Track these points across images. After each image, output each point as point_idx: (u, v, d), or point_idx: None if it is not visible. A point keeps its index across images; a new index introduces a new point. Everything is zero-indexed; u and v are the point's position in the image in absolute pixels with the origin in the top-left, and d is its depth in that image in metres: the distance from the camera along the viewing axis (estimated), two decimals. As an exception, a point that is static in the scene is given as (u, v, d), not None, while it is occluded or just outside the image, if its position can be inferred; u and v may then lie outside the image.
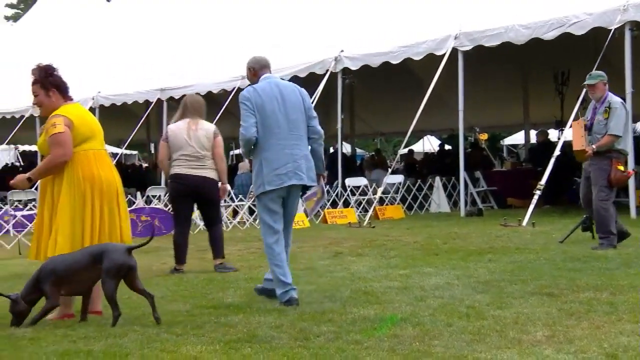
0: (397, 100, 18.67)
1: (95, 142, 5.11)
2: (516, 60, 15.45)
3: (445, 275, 6.31)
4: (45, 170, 5.02)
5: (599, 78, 7.82)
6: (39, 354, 3.95)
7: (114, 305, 4.63)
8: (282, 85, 5.48)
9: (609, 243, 7.59)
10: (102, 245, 4.83)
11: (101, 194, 4.99)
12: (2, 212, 11.45)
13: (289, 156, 5.27)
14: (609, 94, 7.81)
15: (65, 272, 4.66)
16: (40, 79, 5.12)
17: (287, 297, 5.21)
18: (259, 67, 5.56)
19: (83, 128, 5.03)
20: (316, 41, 15.02)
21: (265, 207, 5.33)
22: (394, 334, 4.21)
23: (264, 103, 5.29)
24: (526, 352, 3.77)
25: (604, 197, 7.63)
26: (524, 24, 12.00)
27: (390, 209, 13.61)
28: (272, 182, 5.24)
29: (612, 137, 7.61)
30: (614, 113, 7.61)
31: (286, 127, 5.30)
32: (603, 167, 7.62)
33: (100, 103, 17.49)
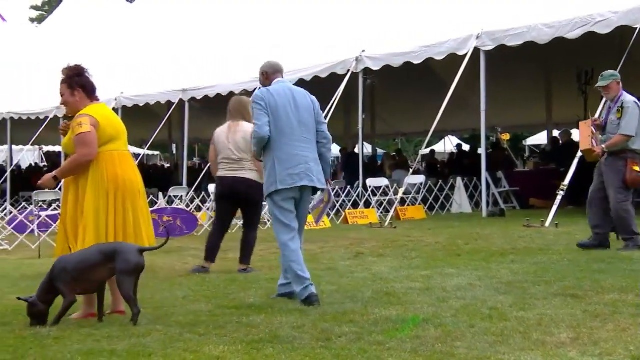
0: (418, 100, 18.61)
1: (120, 143, 5.15)
2: (539, 59, 15.32)
3: (468, 276, 6.27)
4: (70, 169, 5.05)
5: (611, 78, 7.70)
6: (63, 352, 3.99)
7: (133, 303, 4.67)
8: (294, 90, 5.61)
9: (635, 244, 7.48)
10: (114, 245, 4.86)
11: (124, 194, 5.02)
12: (27, 212, 11.58)
13: (301, 157, 5.37)
14: (623, 93, 7.70)
15: (75, 270, 4.70)
16: (67, 78, 5.17)
17: (307, 293, 5.24)
18: (272, 71, 5.66)
19: (109, 128, 5.07)
20: (337, 41, 15.02)
21: (278, 205, 5.39)
22: (416, 335, 4.19)
23: (278, 104, 5.40)
24: (550, 354, 3.73)
25: (622, 199, 7.51)
26: (547, 23, 11.89)
27: (411, 210, 13.56)
28: (285, 181, 5.32)
29: (623, 137, 7.49)
30: (626, 112, 7.50)
31: (298, 129, 5.41)
32: (618, 168, 7.51)
33: (123, 104, 17.63)
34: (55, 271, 4.74)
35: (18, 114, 19.78)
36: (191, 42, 18.29)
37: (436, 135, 24.92)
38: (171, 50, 18.35)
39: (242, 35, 17.33)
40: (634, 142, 7.55)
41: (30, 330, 4.57)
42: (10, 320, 4.91)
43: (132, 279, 4.72)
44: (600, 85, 7.76)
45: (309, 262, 7.52)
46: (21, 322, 4.83)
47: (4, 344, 4.25)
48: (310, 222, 6.99)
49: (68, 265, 4.72)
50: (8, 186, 20.10)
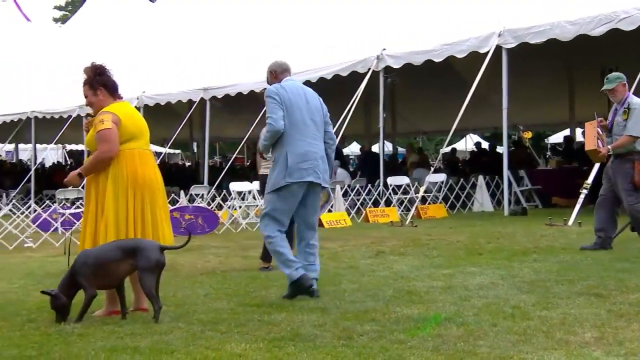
0: (439, 98, 18.53)
1: (141, 141, 5.18)
2: (562, 57, 15.18)
3: (490, 275, 6.24)
4: (93, 165, 5.08)
5: (617, 81, 7.61)
6: (87, 349, 4.03)
7: (155, 300, 4.72)
8: (305, 89, 5.73)
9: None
10: (135, 241, 4.89)
11: (143, 192, 5.05)
12: (51, 210, 11.70)
13: (311, 154, 5.48)
14: (629, 95, 7.63)
15: (96, 265, 4.75)
16: (88, 79, 5.22)
17: (298, 274, 5.37)
18: (280, 70, 5.74)
19: (130, 126, 5.10)
20: (358, 40, 14.99)
21: (283, 201, 5.46)
22: (438, 334, 4.18)
23: (292, 100, 5.49)
24: (574, 353, 3.70)
25: (633, 202, 7.41)
26: (570, 20, 11.77)
27: (432, 208, 13.51)
28: (294, 175, 5.39)
29: (629, 138, 7.40)
30: (632, 113, 7.41)
31: (310, 126, 5.53)
32: (626, 171, 7.42)
33: (144, 103, 17.75)
34: (76, 265, 4.79)
35: (42, 113, 20.00)
36: (212, 41, 18.37)
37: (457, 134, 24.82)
38: (192, 49, 18.44)
39: (263, 34, 17.37)
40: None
41: (55, 327, 4.62)
42: (36, 317, 4.97)
43: (153, 276, 4.75)
44: (606, 88, 7.67)
45: (330, 261, 7.58)
46: (46, 319, 4.89)
47: (29, 340, 4.30)
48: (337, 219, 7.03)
49: (89, 260, 4.77)
50: (32, 185, 20.33)
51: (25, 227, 11.22)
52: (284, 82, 5.65)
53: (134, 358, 3.82)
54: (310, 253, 5.64)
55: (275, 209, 5.49)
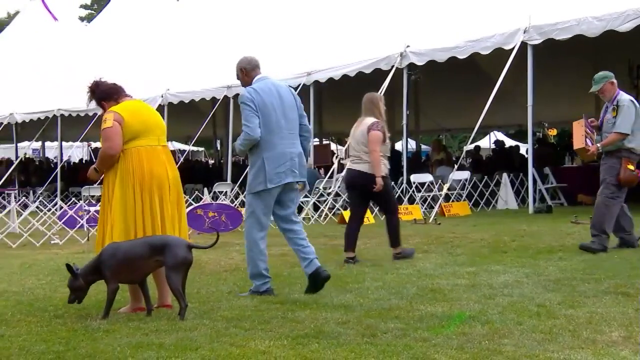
0: (463, 95, 18.41)
1: (149, 138, 5.16)
2: (588, 53, 14.99)
3: (515, 273, 6.20)
4: (100, 162, 5.18)
5: (603, 80, 7.55)
6: (113, 345, 4.07)
7: (181, 297, 4.74)
8: (279, 86, 5.73)
9: (600, 243, 7.28)
10: (163, 238, 4.92)
11: (152, 189, 5.07)
12: (77, 208, 11.83)
13: (287, 155, 5.56)
14: (619, 92, 7.54)
15: (123, 259, 4.78)
16: (91, 97, 5.40)
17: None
18: (250, 67, 5.73)
19: (135, 124, 5.11)
20: (382, 37, 14.94)
21: (262, 203, 5.58)
22: (463, 332, 4.16)
23: (266, 103, 5.52)
24: (601, 352, 3.66)
25: (608, 194, 7.33)
26: (597, 15, 11.62)
27: (456, 206, 13.43)
28: (273, 180, 5.51)
29: (617, 135, 7.32)
30: (621, 110, 7.34)
31: (285, 126, 5.57)
32: (613, 165, 7.35)
33: (169, 100, 17.87)
34: (103, 256, 4.83)
35: (68, 111, 20.20)
36: (236, 39, 18.42)
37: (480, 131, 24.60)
38: (217, 47, 18.50)
39: (286, 31, 17.39)
40: (629, 140, 7.36)
41: (82, 323, 4.67)
42: (63, 313, 5.03)
43: (180, 274, 4.78)
44: (592, 90, 7.64)
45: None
46: (73, 315, 4.94)
47: (57, 335, 4.35)
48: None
49: (117, 252, 4.80)
50: (58, 182, 20.57)
51: (51, 224, 11.36)
52: (256, 82, 5.66)
53: (159, 354, 3.85)
54: (299, 238, 5.70)
55: (256, 210, 5.61)
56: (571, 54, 14.25)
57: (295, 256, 7.87)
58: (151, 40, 20.72)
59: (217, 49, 18.39)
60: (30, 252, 9.06)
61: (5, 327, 4.63)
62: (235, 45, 18.17)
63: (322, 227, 11.88)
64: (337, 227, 11.68)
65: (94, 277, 4.86)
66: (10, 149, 28.40)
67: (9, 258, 8.52)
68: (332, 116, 22.22)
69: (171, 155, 5.41)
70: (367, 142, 7.36)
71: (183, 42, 19.81)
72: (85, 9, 50.84)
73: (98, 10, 39.50)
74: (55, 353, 3.94)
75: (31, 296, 5.81)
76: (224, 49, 18.27)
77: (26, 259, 8.27)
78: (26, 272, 7.24)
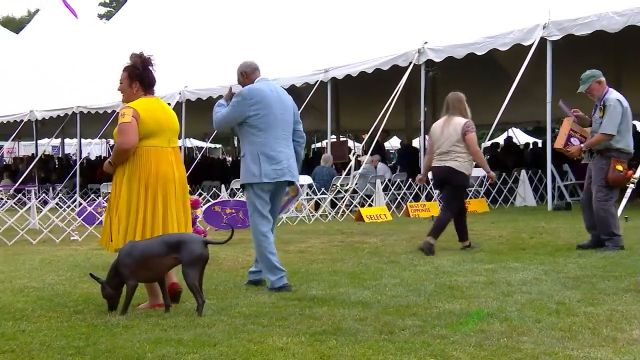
0: (481, 92, 18.26)
1: (160, 139, 5.19)
2: (609, 49, 14.85)
3: (533, 270, 6.16)
4: (115, 156, 5.21)
5: (590, 80, 7.46)
6: (132, 341, 4.09)
7: (198, 293, 4.76)
8: (279, 89, 5.91)
9: (614, 244, 7.21)
10: (180, 235, 4.96)
11: (157, 188, 5.10)
12: (96, 204, 11.90)
13: (284, 154, 5.71)
14: (608, 91, 7.43)
15: (140, 258, 4.81)
16: (132, 67, 5.28)
17: (281, 283, 5.60)
18: (250, 70, 5.90)
19: (151, 123, 5.14)
20: (399, 33, 14.90)
21: (259, 197, 5.69)
22: (481, 329, 4.14)
23: (266, 102, 5.67)
24: (622, 350, 3.63)
25: (602, 198, 7.27)
26: (618, 11, 11.50)
27: (474, 203, 13.37)
28: (269, 175, 5.63)
29: (603, 136, 7.24)
30: (607, 110, 7.25)
31: (282, 127, 5.74)
32: (602, 167, 7.29)
33: (186, 97, 17.95)
34: (120, 255, 4.88)
35: (87, 108, 20.35)
36: (253, 37, 18.46)
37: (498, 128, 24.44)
38: (233, 45, 18.55)
39: (304, 28, 17.39)
40: (618, 141, 7.27)
41: (101, 319, 4.71)
42: (82, 309, 5.07)
43: (196, 270, 4.80)
44: (580, 90, 7.54)
45: (371, 255, 7.56)
46: (92, 311, 4.99)
47: (77, 331, 4.39)
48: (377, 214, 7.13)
49: (134, 251, 4.84)
50: (77, 178, 20.73)
51: (71, 221, 11.46)
52: (257, 83, 5.79)
53: (177, 350, 3.87)
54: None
55: (257, 205, 5.70)
56: (591, 50, 14.10)
57: (314, 253, 7.92)
58: (169, 37, 20.81)
59: (234, 46, 18.43)
60: (50, 248, 9.14)
61: (26, 322, 4.67)
62: (252, 42, 18.23)
63: (339, 223, 11.88)
64: (354, 224, 11.68)
65: (117, 279, 4.90)
66: (30, 146, 28.69)
67: (30, 254, 8.60)
68: (349, 113, 22.22)
69: (180, 155, 5.45)
70: (464, 142, 7.66)
71: (201, 39, 19.88)
72: (104, 7, 51.20)
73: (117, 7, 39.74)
74: (75, 348, 3.97)
75: (51, 292, 5.86)
76: (242, 46, 18.31)
77: (46, 255, 8.34)
78: (46, 268, 7.30)
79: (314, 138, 33.23)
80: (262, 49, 17.72)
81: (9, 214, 11.19)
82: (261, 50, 17.70)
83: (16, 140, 29.53)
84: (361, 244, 8.71)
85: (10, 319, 4.79)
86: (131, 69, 5.27)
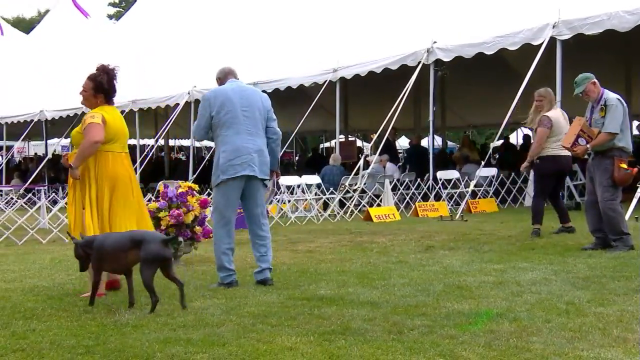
0: (490, 91, 18.26)
1: (116, 145, 5.83)
2: (619, 48, 14.77)
3: (542, 271, 6.14)
4: (81, 153, 5.66)
5: (585, 82, 7.47)
6: (142, 340, 4.11)
7: (151, 292, 4.87)
8: (244, 87, 6.11)
9: (624, 244, 7.18)
10: (142, 233, 5.23)
11: (114, 188, 5.72)
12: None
13: (244, 149, 5.81)
14: (604, 91, 7.45)
15: (108, 250, 5.02)
16: (97, 77, 5.92)
17: (229, 279, 5.82)
18: (223, 76, 6.20)
19: (111, 131, 5.78)
20: (408, 33, 14.87)
21: (223, 197, 5.85)
22: (490, 330, 4.13)
23: (224, 101, 5.87)
24: (632, 351, 3.61)
25: (609, 197, 7.24)
26: (629, 10, 11.42)
27: (483, 202, 13.35)
28: (227, 172, 5.78)
29: (607, 135, 7.25)
30: (609, 110, 7.27)
31: (243, 123, 5.85)
32: (606, 167, 7.28)
33: (195, 97, 17.96)
34: (93, 245, 5.09)
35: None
36: (262, 36, 18.49)
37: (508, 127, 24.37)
38: (242, 44, 18.58)
39: (312, 28, 17.39)
40: (620, 139, 7.28)
41: (111, 318, 4.73)
42: (92, 308, 5.10)
43: (152, 268, 4.91)
44: (576, 92, 7.56)
45: (379, 255, 7.56)
46: (102, 310, 5.01)
47: (86, 330, 4.41)
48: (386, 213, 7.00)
49: (104, 245, 5.05)
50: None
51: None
52: (225, 84, 6.07)
53: (187, 349, 3.88)
54: (260, 244, 5.98)
55: (218, 204, 5.88)
56: (601, 49, 14.04)
57: (323, 253, 7.92)
58: (177, 37, 20.86)
59: (243, 46, 18.48)
60: (60, 248, 9.17)
61: (36, 321, 4.70)
62: (261, 42, 18.27)
63: (348, 223, 11.88)
64: (363, 223, 11.68)
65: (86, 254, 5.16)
66: (40, 145, 28.79)
67: (40, 253, 8.65)
68: (358, 113, 22.21)
69: (130, 159, 6.05)
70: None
71: (209, 38, 19.91)
72: (114, 7, 51.38)
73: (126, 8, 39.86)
74: (85, 347, 3.99)
75: (61, 291, 5.89)
76: (250, 46, 18.36)
77: (56, 255, 8.38)
78: (56, 268, 7.34)
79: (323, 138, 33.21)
80: (270, 49, 17.76)
81: (19, 214, 11.24)
82: (270, 50, 17.76)
83: (26, 140, 29.66)
84: (370, 243, 8.70)
85: (21, 318, 4.82)
86: (98, 84, 5.88)
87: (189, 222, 7.31)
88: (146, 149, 21.18)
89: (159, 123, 21.91)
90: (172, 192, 7.34)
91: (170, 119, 18.22)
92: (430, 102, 14.20)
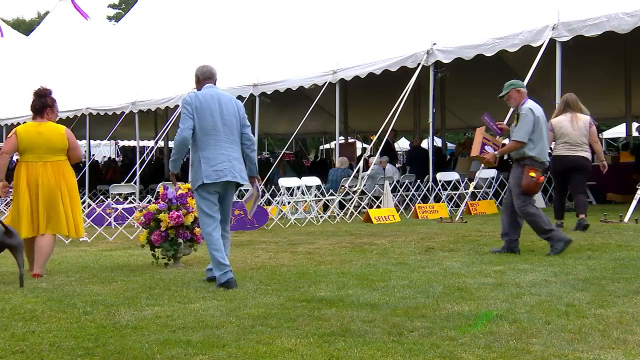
0: (489, 93, 18.18)
1: (32, 155, 6.78)
2: (618, 50, 14.79)
3: (542, 272, 6.14)
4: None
5: (510, 87, 7.62)
6: (141, 342, 4.11)
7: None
8: (221, 95, 6.17)
9: (557, 240, 7.27)
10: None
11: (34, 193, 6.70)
12: (105, 206, 11.95)
13: (225, 156, 5.98)
14: (526, 101, 7.55)
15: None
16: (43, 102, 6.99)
17: (226, 278, 5.87)
18: (203, 77, 6.29)
19: (23, 143, 6.77)
20: (408, 34, 14.88)
21: (203, 198, 5.99)
22: (490, 331, 4.13)
23: (204, 108, 5.99)
24: (632, 353, 3.61)
25: (520, 204, 7.37)
26: (628, 11, 11.42)
27: (482, 204, 13.34)
28: (210, 176, 5.92)
29: (514, 143, 7.42)
30: (520, 119, 7.43)
31: (222, 131, 6.01)
32: (518, 175, 7.42)
33: (194, 99, 17.94)
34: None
35: (96, 110, 20.42)
36: (261, 38, 18.49)
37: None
38: (242, 46, 18.59)
39: (312, 30, 17.39)
40: (531, 149, 7.37)
41: (110, 320, 4.73)
42: (92, 310, 5.09)
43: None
44: (500, 95, 7.72)
45: (379, 256, 7.56)
46: (102, 312, 5.01)
47: (86, 332, 4.41)
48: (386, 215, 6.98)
49: None
50: (87, 180, 20.79)
51: (80, 222, 11.46)
52: (203, 89, 6.15)
53: (186, 351, 3.88)
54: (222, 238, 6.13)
55: (202, 207, 6.03)
56: (601, 51, 14.07)
57: (323, 254, 7.92)
58: (177, 39, 20.85)
59: (242, 48, 18.48)
60: (59, 249, 9.15)
61: (36, 323, 4.70)
62: (261, 43, 18.27)
63: (348, 225, 11.88)
64: (363, 225, 11.68)
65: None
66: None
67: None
68: (357, 114, 22.22)
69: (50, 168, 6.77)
70: (591, 135, 9.35)
71: (208, 40, 19.89)
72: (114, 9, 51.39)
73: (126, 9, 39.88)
74: (85, 349, 3.99)
75: (61, 293, 5.88)
76: (250, 47, 18.37)
77: (55, 256, 8.36)
78: (56, 269, 7.33)
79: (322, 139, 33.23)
80: (270, 50, 17.76)
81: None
82: (269, 51, 17.76)
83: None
84: (369, 245, 8.70)
85: (20, 319, 4.82)
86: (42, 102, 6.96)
87: (189, 223, 7.32)
88: (146, 151, 21.20)
89: (159, 125, 21.92)
90: (171, 193, 7.35)
91: (170, 121, 18.21)
92: (429, 103, 14.20)
